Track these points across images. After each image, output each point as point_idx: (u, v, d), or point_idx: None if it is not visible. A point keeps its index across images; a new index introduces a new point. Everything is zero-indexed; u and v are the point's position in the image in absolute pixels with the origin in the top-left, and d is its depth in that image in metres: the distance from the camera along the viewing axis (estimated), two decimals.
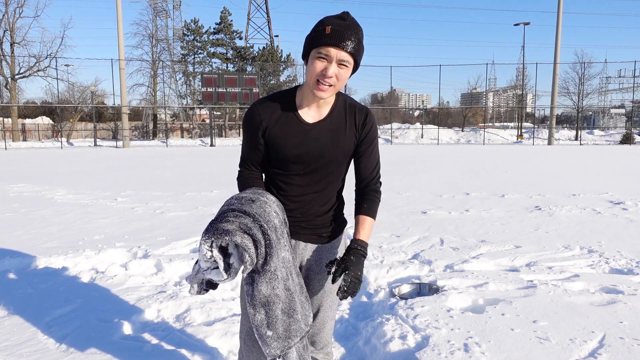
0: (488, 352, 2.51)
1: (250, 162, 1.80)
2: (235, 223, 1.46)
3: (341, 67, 1.59)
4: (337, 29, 1.56)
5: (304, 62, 1.66)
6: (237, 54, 44.19)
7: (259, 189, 1.72)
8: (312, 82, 1.61)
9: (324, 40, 1.56)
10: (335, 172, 1.81)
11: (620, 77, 44.10)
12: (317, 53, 1.58)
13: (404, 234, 5.40)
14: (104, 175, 12.46)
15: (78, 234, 5.50)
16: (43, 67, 35.16)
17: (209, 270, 1.47)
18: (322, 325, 1.90)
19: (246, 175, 1.80)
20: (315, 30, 1.59)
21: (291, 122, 1.72)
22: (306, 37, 1.64)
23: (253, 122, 1.72)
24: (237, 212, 1.51)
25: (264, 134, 1.72)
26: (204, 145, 32.60)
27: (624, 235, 5.30)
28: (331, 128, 1.74)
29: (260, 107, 1.72)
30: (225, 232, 1.43)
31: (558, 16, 31.69)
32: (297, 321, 1.58)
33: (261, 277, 1.51)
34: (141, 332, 2.93)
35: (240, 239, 1.44)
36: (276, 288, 1.53)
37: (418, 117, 55.52)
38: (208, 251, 1.44)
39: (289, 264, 1.60)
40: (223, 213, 1.52)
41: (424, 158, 18.72)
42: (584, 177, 11.20)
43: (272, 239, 1.51)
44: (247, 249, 1.44)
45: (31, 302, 3.36)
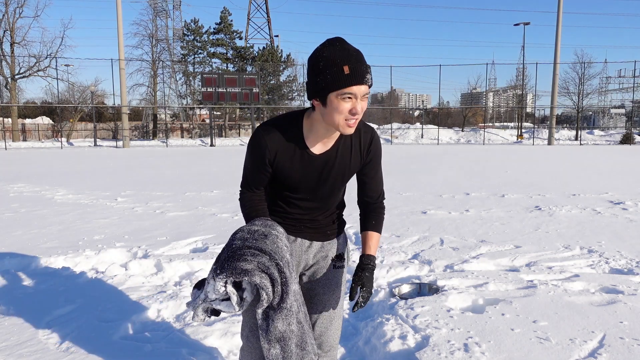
0: (488, 352, 2.51)
1: (255, 185, 1.78)
2: (254, 262, 1.48)
3: (364, 100, 1.57)
4: (354, 66, 1.52)
5: (314, 102, 1.60)
6: (237, 54, 44.19)
7: (267, 219, 1.72)
8: (341, 122, 1.57)
9: (346, 82, 1.51)
10: (340, 191, 1.86)
11: (620, 77, 44.12)
12: (340, 95, 1.52)
13: (404, 234, 5.41)
14: (104, 175, 12.46)
15: (78, 234, 5.50)
16: (43, 67, 35.20)
17: (218, 302, 1.50)
18: (329, 322, 1.90)
19: (250, 198, 1.80)
20: (331, 71, 1.51)
21: (299, 154, 1.69)
22: (317, 79, 1.55)
23: (259, 151, 1.69)
24: (253, 250, 1.53)
25: (271, 163, 1.70)
26: (204, 145, 32.60)
27: (624, 235, 5.30)
28: (338, 157, 1.73)
29: (267, 137, 1.67)
30: (245, 272, 1.46)
31: (558, 16, 31.70)
32: (308, 353, 1.62)
33: (277, 314, 1.54)
34: (141, 332, 2.93)
35: (259, 279, 1.47)
36: (291, 324, 1.57)
37: (418, 117, 55.52)
38: (222, 287, 1.47)
39: (298, 295, 1.63)
40: (239, 250, 1.53)
41: (424, 158, 18.72)
42: (584, 177, 11.20)
43: (287, 276, 1.54)
44: (265, 288, 1.47)
45: (31, 302, 3.35)
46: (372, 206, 1.89)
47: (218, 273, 1.48)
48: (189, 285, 3.80)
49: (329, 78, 1.52)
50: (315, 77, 1.55)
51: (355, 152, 1.75)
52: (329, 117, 1.57)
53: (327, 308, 1.89)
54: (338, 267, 1.90)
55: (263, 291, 1.48)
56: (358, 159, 1.77)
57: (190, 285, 3.79)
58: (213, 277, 1.49)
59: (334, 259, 1.85)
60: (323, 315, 1.88)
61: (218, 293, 1.48)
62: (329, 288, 1.89)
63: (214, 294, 1.49)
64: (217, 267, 1.50)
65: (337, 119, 1.56)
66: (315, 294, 1.89)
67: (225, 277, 1.47)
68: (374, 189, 1.87)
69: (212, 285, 1.49)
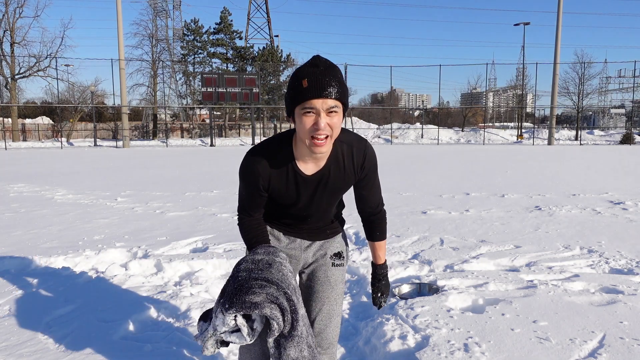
0: (488, 352, 2.51)
1: (251, 210, 1.78)
2: (262, 295, 1.48)
3: (332, 116, 1.53)
4: (313, 78, 1.50)
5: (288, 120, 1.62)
6: (237, 54, 44.20)
7: (269, 246, 1.73)
8: (307, 139, 1.55)
9: (305, 95, 1.50)
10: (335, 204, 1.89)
11: (620, 77, 44.12)
12: (302, 110, 1.52)
13: (404, 234, 5.40)
14: (104, 175, 12.46)
15: (78, 234, 5.50)
16: (43, 67, 35.20)
17: (228, 334, 1.51)
18: (328, 319, 1.90)
19: (249, 224, 1.80)
20: (293, 87, 1.53)
21: (292, 176, 1.69)
22: (286, 95, 1.59)
23: (251, 178, 1.69)
24: (260, 282, 1.53)
25: (265, 189, 1.72)
26: (204, 145, 32.60)
27: (624, 235, 5.30)
28: (331, 176, 1.73)
29: (258, 166, 1.67)
30: (254, 306, 1.46)
31: (558, 16, 31.70)
32: None
33: (289, 342, 1.55)
34: (141, 332, 2.93)
35: (269, 310, 1.47)
36: (303, 350, 1.57)
37: (418, 117, 55.51)
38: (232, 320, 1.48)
39: (305, 319, 1.64)
40: (246, 282, 1.52)
41: (424, 158, 18.72)
42: (584, 177, 11.20)
43: (295, 303, 1.54)
44: (276, 319, 1.48)
45: (31, 302, 3.36)
46: (374, 217, 1.94)
47: (227, 307, 1.48)
48: (189, 285, 3.80)
49: (292, 92, 1.54)
50: (286, 93, 1.58)
51: (349, 169, 1.74)
52: (299, 134, 1.57)
53: (326, 305, 1.89)
54: (337, 265, 1.92)
55: (274, 321, 1.48)
56: (352, 176, 1.76)
57: (191, 285, 3.79)
58: (222, 311, 1.49)
59: (333, 256, 1.90)
60: (322, 312, 1.89)
61: (228, 326, 1.49)
62: (327, 285, 1.90)
63: (224, 326, 1.49)
64: (226, 301, 1.49)
65: (304, 136, 1.54)
66: (315, 291, 1.90)
67: (235, 312, 1.47)
68: (372, 200, 1.90)
69: (221, 319, 1.49)
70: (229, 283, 1.57)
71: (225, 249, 4.76)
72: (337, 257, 1.93)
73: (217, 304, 1.53)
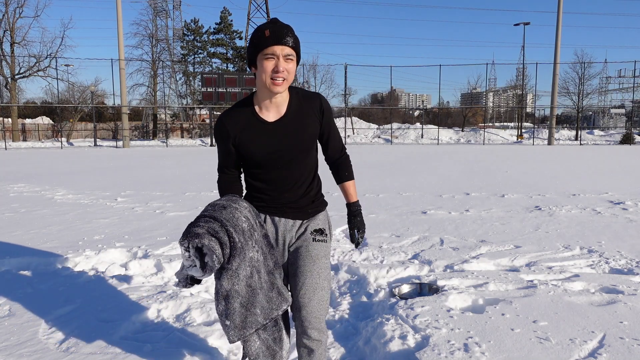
0: (488, 352, 2.51)
1: (226, 167, 2.01)
2: (204, 227, 1.69)
3: (288, 62, 1.79)
4: (274, 29, 1.76)
5: (251, 69, 1.86)
6: (237, 54, 44.18)
7: (234, 195, 1.94)
8: (267, 81, 1.79)
9: (267, 42, 1.75)
10: (308, 158, 2.00)
11: (620, 77, 44.12)
12: (263, 56, 1.77)
13: (404, 234, 5.40)
14: (104, 175, 12.46)
15: (78, 234, 5.50)
16: (43, 67, 35.18)
17: (190, 268, 1.70)
18: (312, 292, 1.93)
19: (224, 180, 2.04)
20: (256, 37, 1.78)
21: (255, 126, 1.90)
22: (248, 47, 1.84)
23: (221, 134, 1.92)
24: (207, 218, 1.74)
25: (234, 143, 1.92)
26: (204, 145, 32.60)
27: (624, 235, 5.30)
28: (294, 121, 1.92)
29: (225, 120, 1.91)
30: (196, 235, 1.66)
31: (558, 16, 31.69)
32: (254, 314, 1.78)
33: (223, 273, 1.74)
34: (141, 332, 2.93)
35: (208, 241, 1.66)
36: (236, 284, 1.74)
37: (418, 117, 55.51)
38: (185, 251, 1.67)
39: (257, 263, 1.80)
40: (197, 219, 1.74)
41: (424, 158, 18.72)
42: (584, 177, 11.20)
43: (236, 241, 1.72)
44: (213, 250, 1.66)
45: (31, 302, 3.35)
46: (340, 160, 2.13)
47: (180, 239, 1.68)
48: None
49: (254, 42, 1.79)
50: (249, 46, 1.82)
51: (311, 115, 1.95)
52: (260, 78, 1.81)
53: (309, 278, 1.94)
54: (318, 241, 2.01)
55: (213, 253, 1.66)
56: (315, 121, 1.97)
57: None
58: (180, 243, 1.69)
59: (313, 232, 2.00)
60: (305, 285, 1.93)
61: (186, 259, 1.69)
62: (309, 259, 1.96)
63: (185, 260, 1.69)
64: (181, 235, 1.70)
65: (265, 78, 1.79)
66: (297, 266, 1.97)
67: (183, 241, 1.67)
68: (336, 145, 2.10)
69: (181, 253, 1.69)
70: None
71: None
72: (318, 233, 2.02)
73: None
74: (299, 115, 1.92)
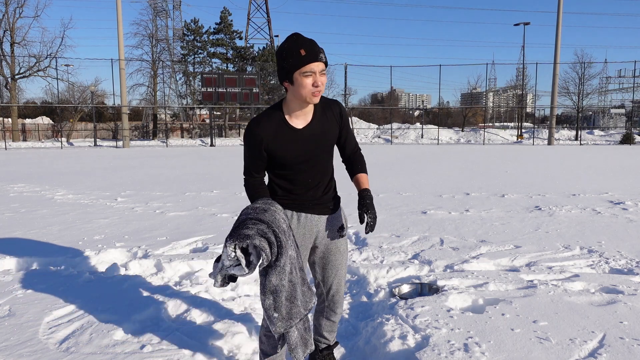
0: (488, 352, 2.51)
1: (255, 171, 2.16)
2: (254, 229, 1.86)
3: (322, 76, 2.00)
4: (309, 48, 1.95)
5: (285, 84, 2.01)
6: (237, 54, 44.17)
7: (268, 199, 2.09)
8: (308, 95, 1.99)
9: (304, 61, 1.94)
10: (329, 160, 2.26)
11: (620, 77, 44.10)
12: (302, 73, 1.95)
13: (404, 234, 5.40)
14: (104, 175, 12.46)
15: (78, 234, 5.50)
16: (43, 67, 35.11)
17: (232, 267, 1.85)
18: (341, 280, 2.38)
19: (252, 183, 2.18)
20: (291, 56, 1.94)
21: (286, 133, 2.08)
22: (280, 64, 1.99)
23: (254, 141, 2.07)
24: (254, 220, 1.91)
25: (266, 149, 2.08)
26: (204, 145, 32.60)
27: (624, 235, 5.30)
28: (319, 127, 2.14)
29: (257, 128, 2.06)
30: (247, 237, 1.83)
31: (558, 16, 31.68)
32: (297, 306, 1.97)
33: (272, 270, 1.89)
34: (141, 332, 2.93)
35: (259, 241, 1.84)
36: (283, 279, 1.91)
37: (418, 117, 55.50)
38: (232, 252, 1.82)
39: (294, 260, 1.98)
40: (243, 221, 1.91)
41: (424, 158, 18.72)
42: (584, 177, 11.20)
43: (282, 240, 1.90)
44: (264, 249, 1.84)
45: (31, 302, 3.36)
46: (354, 156, 2.35)
47: (227, 241, 1.83)
48: (189, 285, 3.80)
49: (291, 62, 1.94)
50: (282, 63, 1.98)
51: (332, 120, 2.19)
52: (297, 93, 2.00)
53: (340, 270, 2.34)
54: (342, 236, 2.32)
55: (262, 251, 1.83)
56: (336, 126, 2.21)
57: (191, 285, 3.79)
58: (226, 245, 1.84)
59: (339, 229, 2.29)
60: (338, 275, 2.34)
61: (230, 259, 1.83)
62: (338, 254, 2.33)
63: (228, 260, 1.83)
64: (227, 237, 1.85)
65: (304, 92, 1.98)
66: (329, 260, 2.32)
67: (232, 243, 1.82)
68: (352, 144, 2.35)
69: (225, 253, 1.83)
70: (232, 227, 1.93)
71: None
72: (342, 229, 2.31)
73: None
74: (323, 122, 2.15)
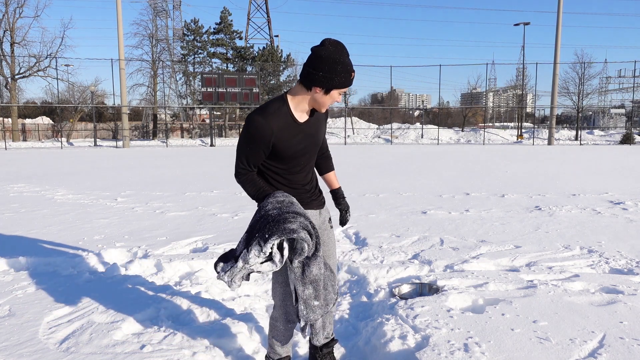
0: (488, 352, 2.51)
1: (253, 165, 2.18)
2: (296, 223, 1.92)
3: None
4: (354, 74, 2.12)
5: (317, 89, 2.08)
6: (237, 54, 44.16)
7: (281, 192, 2.15)
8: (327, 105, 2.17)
9: (349, 84, 2.12)
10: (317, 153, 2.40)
11: (620, 77, 44.11)
12: (340, 91, 2.12)
13: (404, 234, 5.40)
14: (104, 175, 12.46)
15: (78, 234, 5.50)
16: (43, 67, 35.11)
17: (258, 265, 1.91)
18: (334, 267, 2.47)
19: (252, 177, 2.19)
20: (345, 76, 2.07)
21: (291, 126, 2.14)
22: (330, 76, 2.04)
23: (264, 133, 2.07)
24: (292, 214, 1.96)
25: (273, 141, 2.10)
26: (204, 145, 32.60)
27: (624, 235, 5.30)
28: (315, 123, 2.27)
29: (267, 120, 2.08)
30: (292, 231, 1.89)
31: (558, 16, 31.68)
32: (330, 293, 2.13)
33: (312, 262, 1.98)
34: (141, 332, 2.93)
35: (304, 234, 1.91)
36: (322, 269, 2.02)
37: (418, 117, 55.49)
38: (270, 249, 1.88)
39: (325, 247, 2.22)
40: (279, 216, 1.94)
41: (424, 158, 18.72)
42: (584, 177, 11.20)
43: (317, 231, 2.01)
44: (307, 241, 1.93)
45: (31, 302, 3.36)
46: (325, 155, 2.54)
47: (268, 237, 1.87)
48: (189, 285, 3.80)
49: (342, 80, 2.07)
50: (331, 75, 2.04)
51: (322, 119, 2.33)
52: (322, 101, 2.13)
53: (331, 259, 2.44)
54: (332, 227, 2.48)
55: (305, 243, 1.92)
56: (324, 124, 2.37)
57: (191, 285, 3.79)
58: (259, 243, 1.88)
59: (329, 221, 2.46)
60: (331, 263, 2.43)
61: (263, 256, 1.88)
62: (332, 244, 2.46)
63: (258, 258, 1.88)
64: (265, 233, 1.89)
65: (327, 103, 2.16)
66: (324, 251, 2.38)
67: (277, 238, 1.87)
68: (326, 143, 2.54)
69: (256, 251, 1.88)
70: (258, 222, 1.97)
71: (225, 249, 4.76)
72: (330, 221, 2.47)
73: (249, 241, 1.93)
74: (317, 118, 2.28)
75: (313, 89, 2.08)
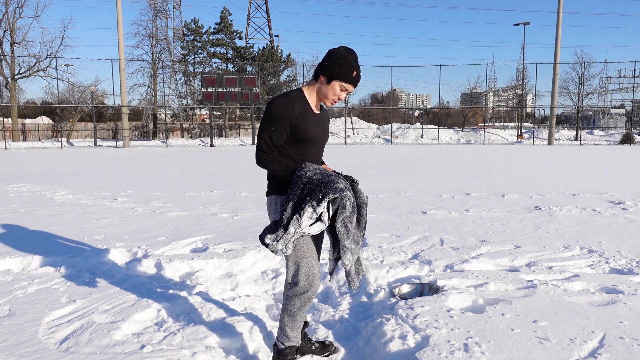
0: (488, 352, 2.51)
1: (275, 145, 2.34)
2: (342, 183, 2.19)
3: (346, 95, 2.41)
4: (358, 74, 2.35)
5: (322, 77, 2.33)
6: (237, 54, 44.19)
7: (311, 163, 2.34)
8: (328, 97, 2.37)
9: (350, 81, 2.33)
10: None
11: (620, 77, 44.10)
12: (341, 85, 2.33)
13: (404, 234, 5.40)
14: (104, 175, 12.46)
15: (78, 234, 5.50)
16: (43, 67, 35.14)
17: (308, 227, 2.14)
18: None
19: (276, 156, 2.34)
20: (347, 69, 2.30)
21: (309, 114, 2.39)
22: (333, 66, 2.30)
23: (287, 114, 2.29)
24: (334, 176, 2.20)
25: (295, 123, 2.32)
26: (204, 145, 32.60)
27: (624, 235, 5.30)
28: (324, 116, 2.53)
29: (291, 102, 2.30)
30: (341, 190, 2.14)
31: (558, 16, 31.69)
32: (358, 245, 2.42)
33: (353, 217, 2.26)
34: (141, 332, 2.93)
35: (348, 192, 2.18)
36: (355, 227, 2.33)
37: (418, 117, 55.49)
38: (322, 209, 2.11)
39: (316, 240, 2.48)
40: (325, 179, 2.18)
41: (424, 158, 18.72)
42: (584, 177, 11.20)
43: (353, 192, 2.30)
44: (351, 200, 2.20)
45: (31, 302, 3.36)
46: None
47: (322, 198, 2.10)
48: (189, 285, 3.80)
49: (343, 71, 2.30)
50: (334, 65, 2.30)
51: (328, 120, 2.58)
52: (325, 91, 2.37)
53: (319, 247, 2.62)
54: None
55: (348, 202, 2.18)
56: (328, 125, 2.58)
57: (191, 285, 3.79)
58: (312, 205, 2.10)
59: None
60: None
61: (315, 217, 2.11)
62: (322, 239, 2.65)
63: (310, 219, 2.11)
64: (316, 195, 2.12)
65: (328, 94, 2.36)
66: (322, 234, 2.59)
67: (332, 196, 2.10)
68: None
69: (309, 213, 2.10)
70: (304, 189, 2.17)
71: (225, 249, 4.76)
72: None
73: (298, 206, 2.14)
74: (325, 113, 2.54)
75: (320, 77, 2.34)
